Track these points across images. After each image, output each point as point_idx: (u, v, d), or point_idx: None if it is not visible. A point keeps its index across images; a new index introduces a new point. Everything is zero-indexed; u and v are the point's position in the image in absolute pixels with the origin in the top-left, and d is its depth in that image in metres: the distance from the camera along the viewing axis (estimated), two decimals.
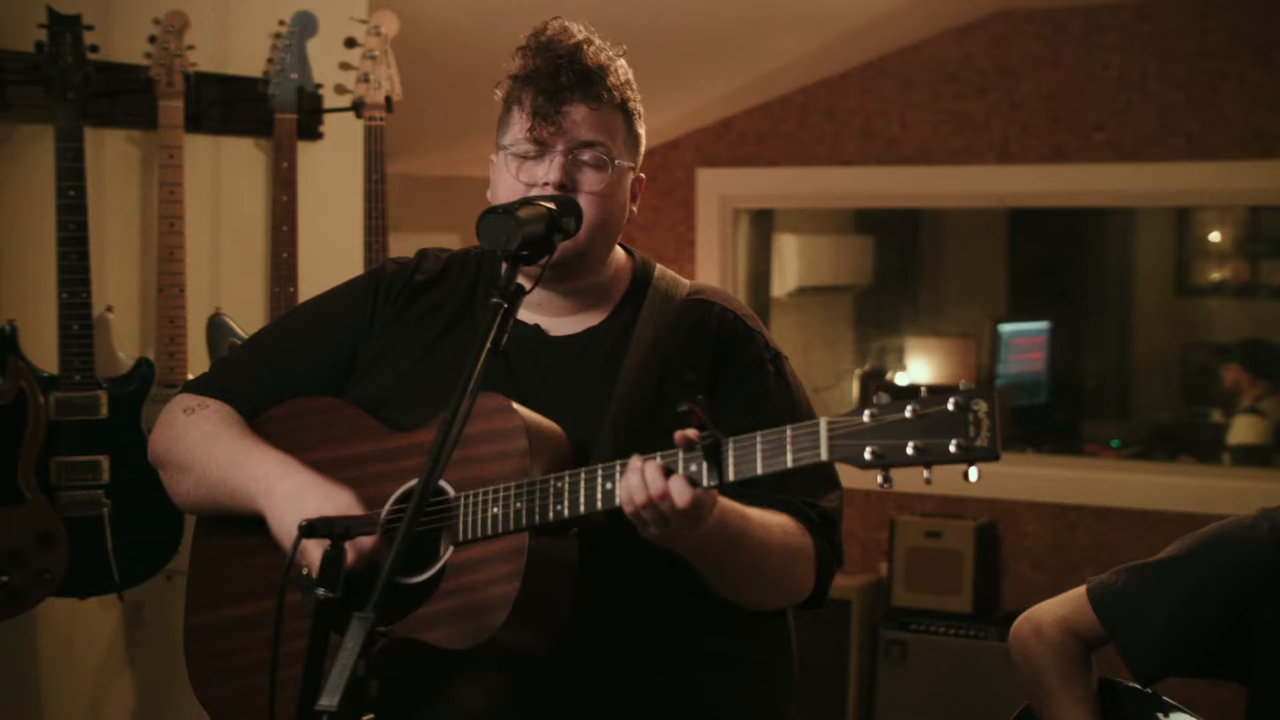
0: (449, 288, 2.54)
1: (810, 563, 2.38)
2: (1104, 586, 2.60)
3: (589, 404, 2.37)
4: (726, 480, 2.05)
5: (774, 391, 2.44)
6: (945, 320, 8.53)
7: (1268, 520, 2.51)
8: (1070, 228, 8.58)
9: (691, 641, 2.38)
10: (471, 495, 2.25)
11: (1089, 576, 6.46)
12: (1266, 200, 6.99)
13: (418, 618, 2.25)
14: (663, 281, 2.51)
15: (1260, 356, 7.95)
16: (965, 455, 1.87)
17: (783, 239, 7.86)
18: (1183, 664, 2.53)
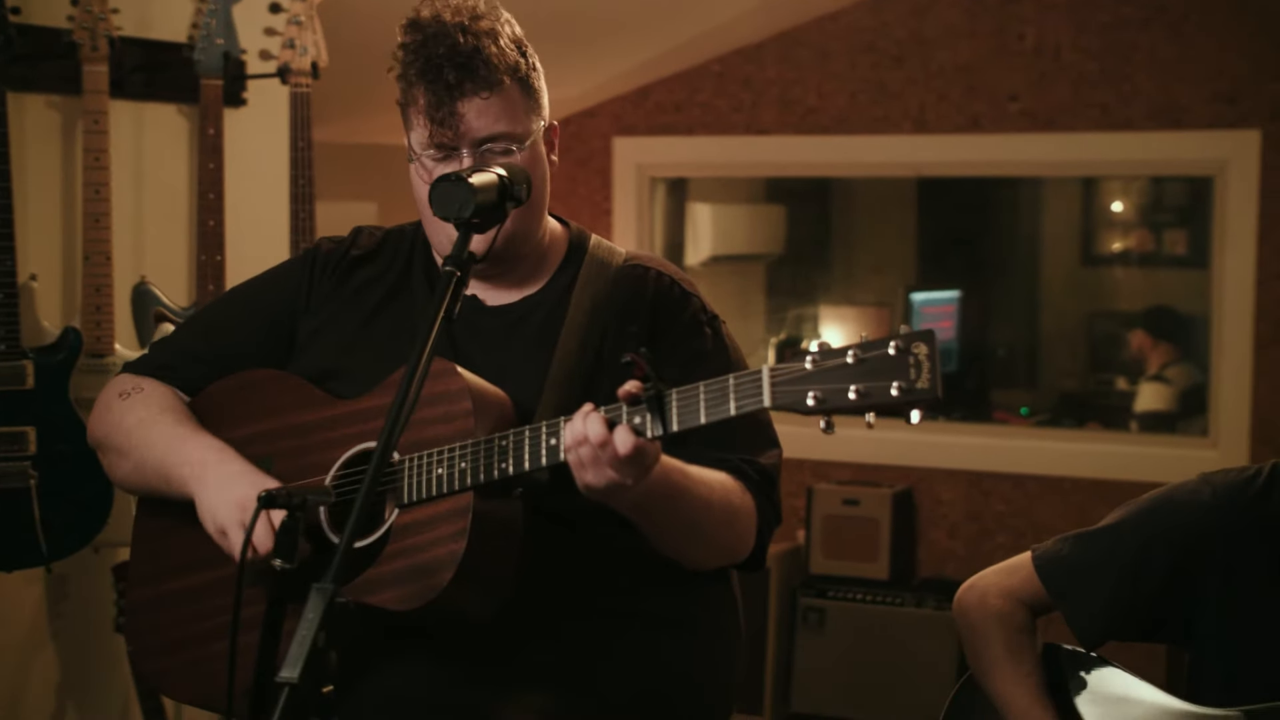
0: (385, 262, 2.56)
1: (751, 520, 2.40)
2: (1049, 554, 2.63)
3: (529, 370, 2.39)
4: (670, 430, 2.07)
5: (711, 353, 2.47)
6: (858, 289, 8.58)
7: (1208, 486, 2.54)
8: (979, 197, 8.65)
9: (636, 603, 2.40)
10: (416, 457, 2.27)
11: (1004, 543, 6.53)
12: (1177, 171, 7.09)
13: (364, 581, 2.25)
14: (598, 250, 2.52)
15: (1165, 324, 8.07)
16: (906, 397, 1.89)
17: (696, 208, 7.86)
18: (1127, 629, 2.56)
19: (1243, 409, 6.13)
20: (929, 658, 6.18)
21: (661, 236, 7.32)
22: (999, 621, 2.61)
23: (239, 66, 4.17)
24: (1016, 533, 6.44)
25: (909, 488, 6.54)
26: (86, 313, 3.78)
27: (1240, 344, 6.14)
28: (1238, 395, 6.15)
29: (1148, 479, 6.19)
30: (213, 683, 2.38)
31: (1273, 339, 6.09)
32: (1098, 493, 6.32)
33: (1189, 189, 8.58)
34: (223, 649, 2.32)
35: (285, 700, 1.89)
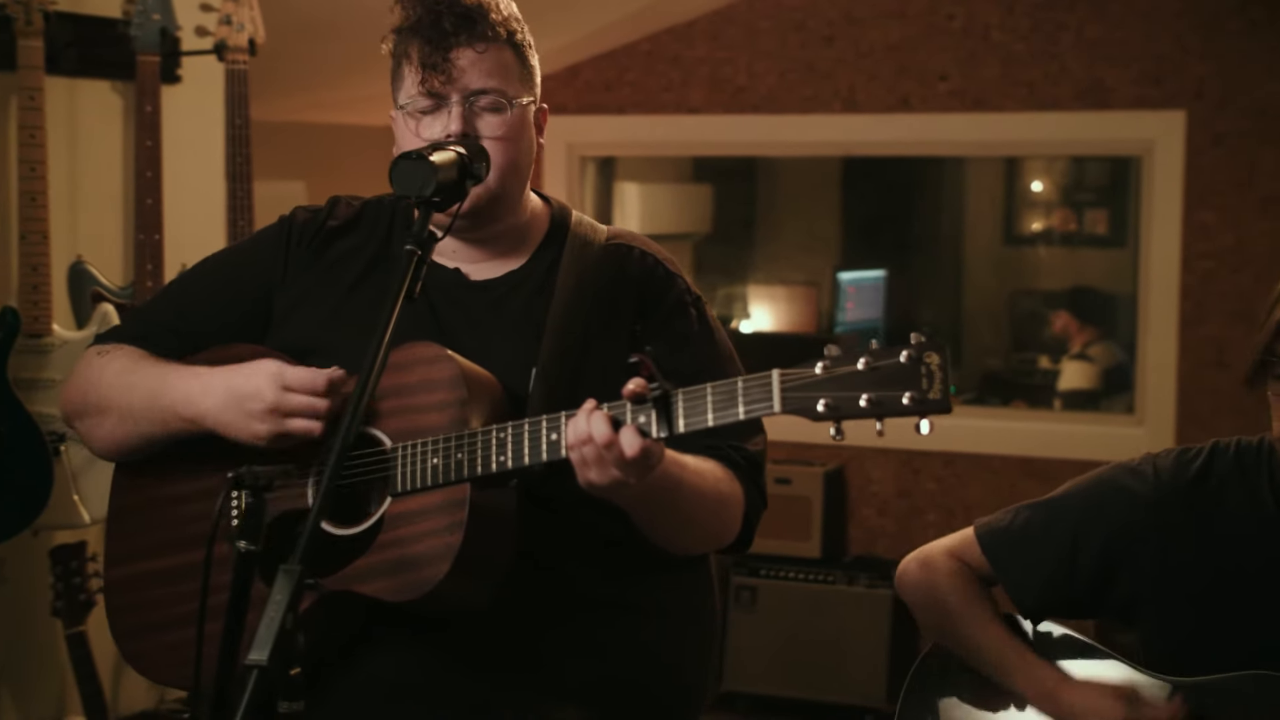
0: (364, 234, 2.51)
1: (739, 507, 2.39)
2: (991, 526, 2.65)
3: (517, 350, 2.36)
4: (676, 432, 2.05)
5: (696, 334, 2.45)
6: (784, 268, 8.61)
7: (1151, 465, 2.57)
8: (904, 177, 8.71)
9: (616, 588, 2.39)
10: (410, 446, 2.23)
11: (934, 520, 6.57)
12: (1103, 151, 7.15)
13: (356, 570, 2.22)
14: (581, 226, 2.50)
15: (1089, 304, 8.16)
16: (918, 407, 1.89)
17: (624, 187, 7.86)
18: (1066, 603, 2.58)
19: (1168, 386, 6.20)
20: (861, 635, 6.21)
21: (590, 216, 7.29)
22: (949, 579, 2.63)
23: (174, 43, 4.12)
24: (946, 510, 6.49)
25: (840, 466, 6.57)
26: (24, 292, 3.73)
27: (1166, 322, 6.20)
28: (1163, 373, 6.22)
29: (1075, 456, 6.30)
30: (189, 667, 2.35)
31: (1197, 318, 6.16)
32: (1026, 470, 6.38)
33: (1110, 169, 8.68)
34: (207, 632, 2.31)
35: (254, 683, 1.88)
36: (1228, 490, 2.48)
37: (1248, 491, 2.47)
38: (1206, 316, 6.15)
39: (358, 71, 5.37)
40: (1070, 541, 2.55)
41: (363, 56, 4.68)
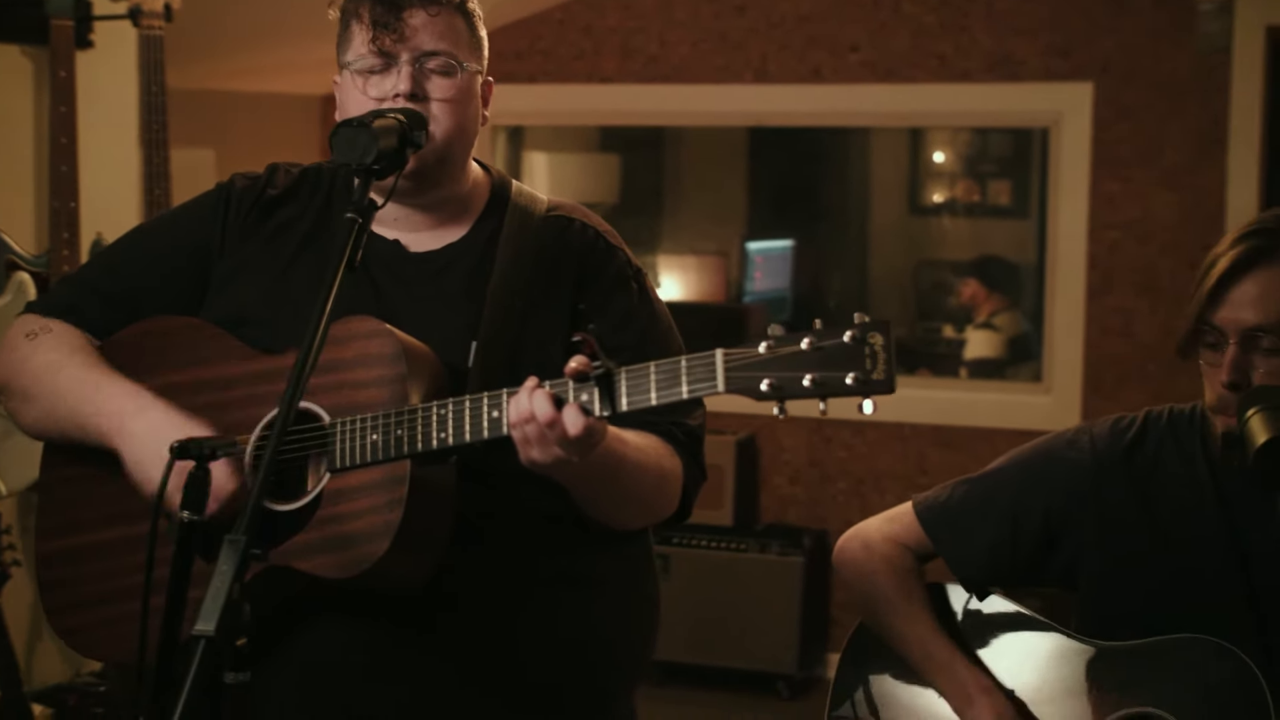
0: (303, 203, 2.48)
1: (679, 482, 2.39)
2: (929, 501, 2.67)
3: (457, 322, 2.34)
4: (619, 410, 2.04)
5: (637, 308, 2.44)
6: (692, 238, 8.62)
7: (1087, 435, 2.60)
8: (810, 147, 8.74)
9: (557, 562, 2.38)
10: (349, 422, 2.21)
11: (844, 488, 6.63)
12: (1013, 122, 7.22)
13: (294, 546, 2.20)
14: (521, 197, 2.48)
15: (995, 273, 8.24)
16: (861, 388, 1.90)
17: (533, 157, 7.84)
18: (1008, 574, 2.61)
19: (1075, 355, 6.28)
20: (772, 602, 6.27)
21: None
22: (886, 564, 2.64)
23: (87, 8, 4.05)
24: (857, 478, 6.55)
25: (752, 435, 6.61)
26: None
27: (1073, 292, 6.29)
28: (1070, 342, 6.30)
29: (983, 424, 6.38)
30: (127, 641, 2.31)
31: (1103, 288, 6.25)
32: (936, 438, 6.45)
33: (1012, 140, 8.75)
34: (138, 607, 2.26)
35: (201, 653, 1.86)
36: (1163, 457, 2.52)
37: (1182, 458, 2.51)
38: (1112, 287, 6.23)
39: (269, 35, 5.33)
40: (1010, 514, 2.58)
41: (275, 21, 4.63)
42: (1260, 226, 2.40)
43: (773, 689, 6.33)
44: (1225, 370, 2.36)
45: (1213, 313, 2.38)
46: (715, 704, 6.25)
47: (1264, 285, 2.36)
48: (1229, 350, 2.36)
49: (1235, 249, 2.38)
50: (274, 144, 6.37)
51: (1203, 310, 2.39)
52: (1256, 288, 2.36)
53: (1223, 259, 2.38)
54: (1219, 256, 2.39)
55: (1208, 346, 2.41)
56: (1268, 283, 2.36)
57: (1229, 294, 2.37)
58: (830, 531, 6.54)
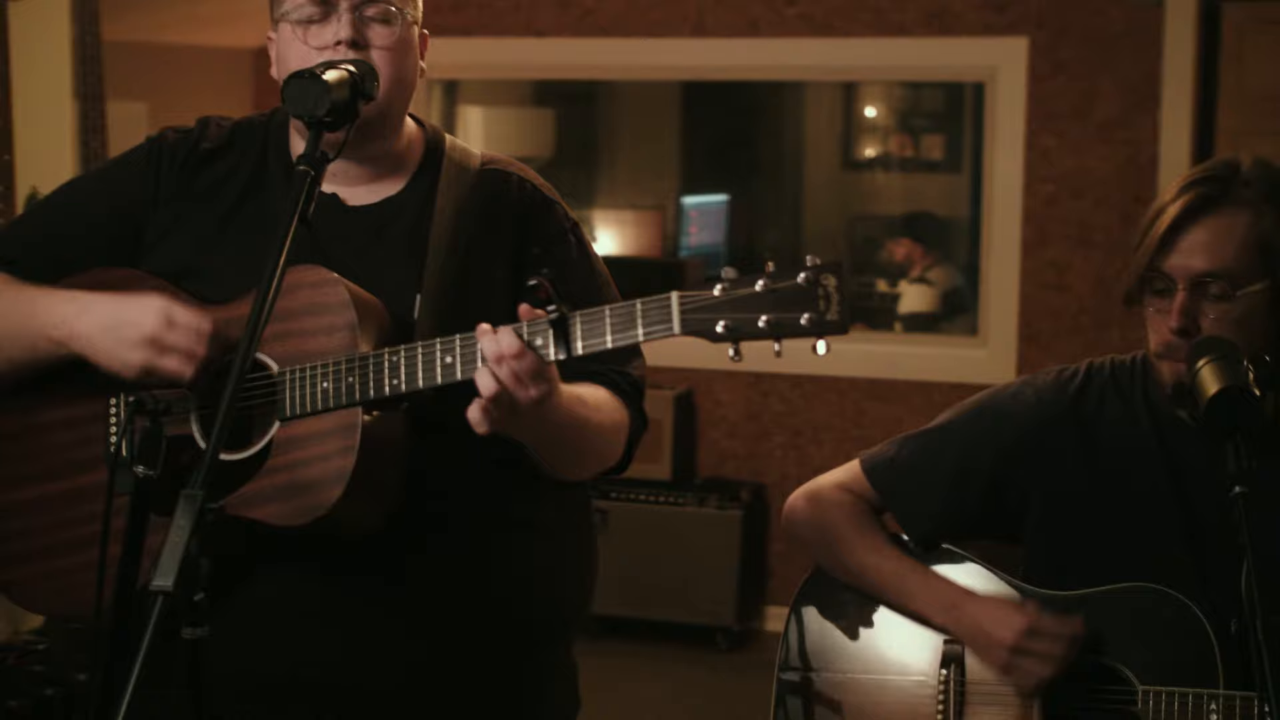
0: (238, 156, 2.46)
1: (624, 432, 2.41)
2: (876, 457, 2.68)
3: (400, 276, 2.34)
4: (575, 353, 2.05)
5: (576, 261, 2.45)
6: (627, 192, 8.62)
7: (1031, 387, 2.62)
8: (744, 101, 8.75)
9: (502, 507, 2.39)
10: (298, 370, 2.21)
11: (781, 442, 6.66)
12: (948, 77, 7.23)
13: (244, 495, 2.20)
14: (455, 151, 2.48)
15: (928, 228, 8.29)
16: (816, 329, 1.92)
17: (467, 111, 7.80)
18: (957, 527, 2.63)
19: (1010, 309, 6.33)
20: (710, 556, 6.30)
21: None
22: (839, 508, 2.65)
23: None
24: (794, 431, 6.58)
25: (689, 389, 6.63)
26: None
27: (1008, 246, 6.32)
28: (1005, 295, 6.34)
29: (919, 378, 6.43)
30: (71, 595, 2.31)
31: (1038, 241, 6.29)
32: (872, 391, 6.49)
33: (945, 95, 8.80)
34: (84, 560, 2.27)
35: (159, 609, 1.85)
36: (1106, 407, 2.55)
37: (1124, 407, 2.53)
38: (1047, 240, 6.28)
39: None
40: (957, 467, 2.59)
41: None
42: (1208, 174, 2.43)
43: (711, 641, 6.37)
44: (1174, 316, 2.38)
45: (1162, 260, 2.40)
46: (654, 657, 6.28)
47: (1213, 232, 2.38)
48: (1178, 296, 2.38)
49: (1184, 196, 2.40)
50: (207, 97, 6.31)
51: (1152, 257, 2.41)
52: (1206, 234, 2.38)
53: (1172, 206, 2.40)
54: (1168, 204, 2.41)
55: (1156, 293, 2.43)
56: (1217, 230, 2.38)
57: (1179, 241, 2.39)
58: (768, 485, 6.58)
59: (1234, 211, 2.39)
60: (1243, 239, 2.38)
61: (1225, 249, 2.37)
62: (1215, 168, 2.44)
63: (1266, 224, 2.38)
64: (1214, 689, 2.37)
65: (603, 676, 2.61)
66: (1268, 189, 2.41)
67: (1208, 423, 2.17)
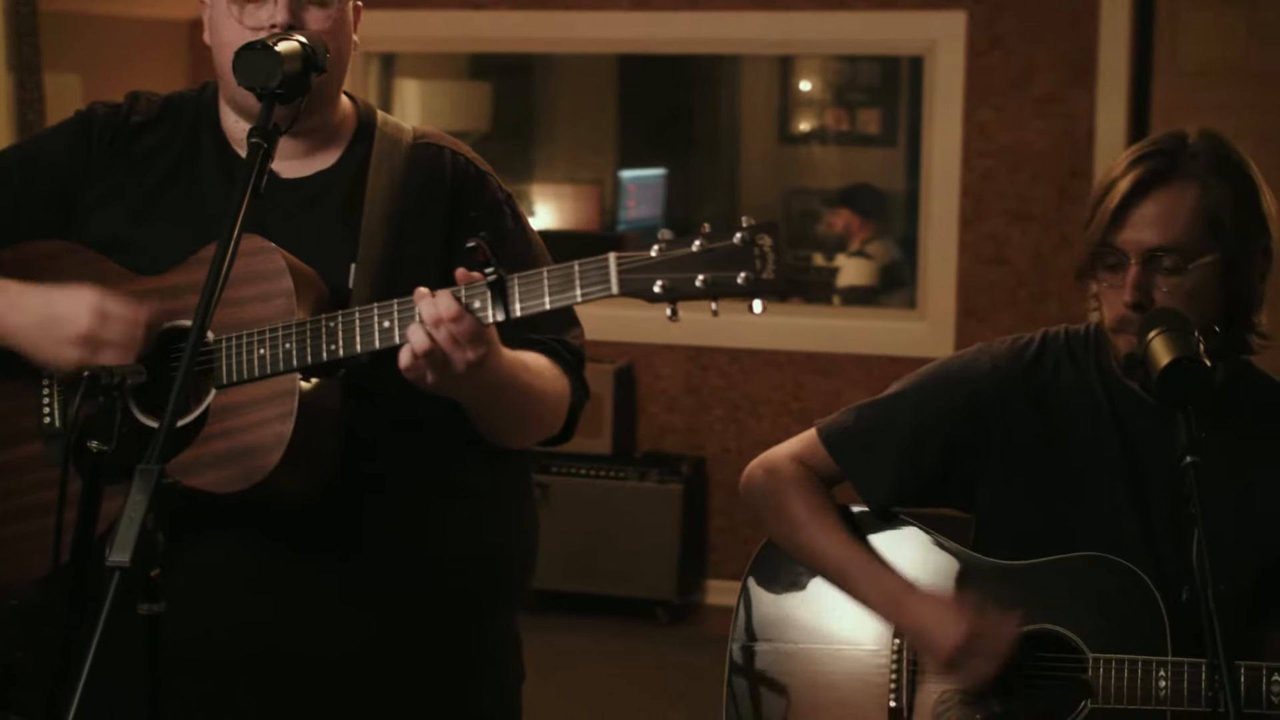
0: (169, 130, 2.47)
1: (566, 400, 2.43)
2: (833, 425, 2.69)
3: (334, 247, 2.36)
4: (513, 315, 2.07)
5: (512, 232, 2.47)
6: (565, 166, 8.60)
7: (986, 355, 2.64)
8: (681, 74, 8.74)
9: (443, 474, 2.41)
10: (235, 337, 2.22)
11: (721, 415, 6.67)
12: (887, 50, 7.25)
13: (181, 463, 2.19)
14: (387, 125, 2.50)
15: (867, 201, 8.32)
16: (752, 287, 1.95)
17: (404, 84, 7.76)
18: (913, 495, 2.65)
19: (948, 282, 6.36)
20: (651, 530, 6.32)
21: None
22: (794, 484, 2.66)
23: None
24: (733, 405, 6.59)
25: (629, 364, 6.63)
26: None
27: (946, 220, 6.35)
28: (943, 269, 6.37)
29: (858, 350, 6.45)
30: (7, 567, 2.31)
31: (976, 215, 6.32)
32: (812, 365, 6.51)
33: (881, 69, 8.82)
34: (20, 531, 2.30)
35: (116, 585, 1.84)
36: (1060, 375, 2.57)
37: (1078, 377, 2.56)
38: (986, 214, 6.31)
39: None
40: (913, 434, 2.61)
41: None
42: (1158, 148, 2.44)
43: (652, 615, 6.39)
44: (1128, 291, 2.40)
45: (1114, 234, 2.42)
46: (595, 631, 6.29)
47: (1164, 206, 2.40)
48: (1131, 271, 2.40)
49: (1134, 171, 2.42)
50: (141, 70, 6.25)
51: (1104, 233, 2.42)
52: (1157, 208, 2.40)
53: (1122, 181, 2.42)
54: (1117, 179, 2.43)
55: (1108, 268, 2.44)
56: (1168, 204, 2.40)
57: (1130, 215, 2.40)
58: (708, 459, 6.59)
59: (1183, 185, 2.41)
60: (1192, 212, 2.40)
61: (1175, 223, 2.39)
62: (1163, 141, 2.46)
63: (1214, 197, 2.41)
64: (1163, 656, 2.40)
65: (544, 651, 2.63)
66: (1215, 161, 2.43)
67: (1159, 394, 2.19)
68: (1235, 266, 2.42)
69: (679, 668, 5.95)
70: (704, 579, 6.62)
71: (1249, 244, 2.43)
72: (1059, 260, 6.18)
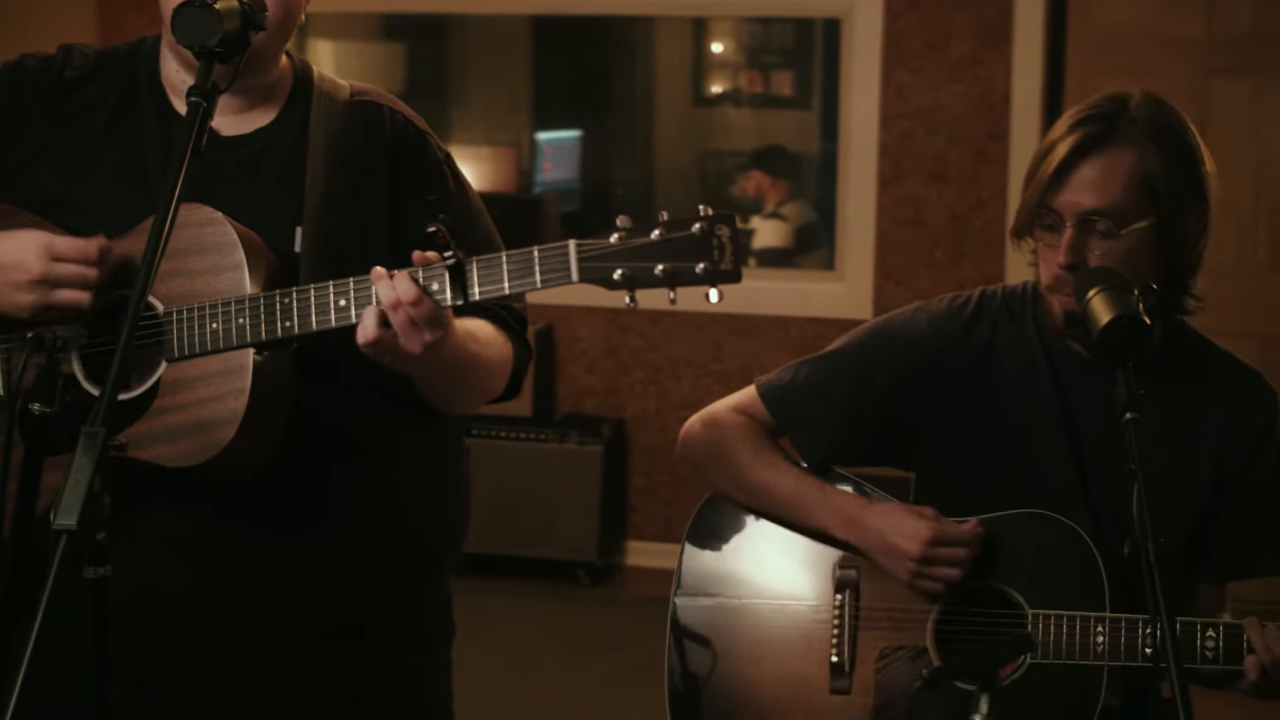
0: (104, 85, 2.44)
1: (510, 365, 2.45)
2: (773, 382, 2.71)
3: (275, 207, 2.34)
4: (471, 299, 2.07)
5: (454, 193, 2.48)
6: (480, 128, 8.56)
7: (924, 314, 2.66)
8: (595, 36, 8.72)
9: (382, 443, 2.41)
10: (186, 310, 2.20)
11: (641, 377, 6.68)
12: (806, 12, 7.24)
13: (131, 435, 2.19)
14: (324, 83, 2.49)
15: (780, 163, 8.33)
16: (710, 277, 2.00)
17: (317, 45, 7.70)
18: (852, 452, 2.67)
19: (866, 244, 6.40)
20: (572, 491, 6.33)
21: None
22: (737, 431, 2.68)
23: None
24: (653, 367, 6.61)
25: (549, 325, 6.63)
26: None
27: (865, 181, 6.39)
28: (862, 231, 6.41)
29: (776, 312, 6.49)
30: None
31: (894, 176, 6.37)
32: (730, 326, 6.54)
33: (795, 31, 8.83)
34: None
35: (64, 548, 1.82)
36: (998, 334, 2.59)
37: (1015, 334, 2.59)
38: (903, 175, 6.36)
39: None
40: (852, 391, 2.63)
41: None
42: (1096, 112, 2.47)
43: (573, 576, 6.41)
44: (1062, 252, 2.42)
45: (1051, 197, 2.44)
46: (517, 593, 6.30)
47: (1101, 170, 2.43)
48: (1066, 233, 2.43)
49: (1073, 135, 2.44)
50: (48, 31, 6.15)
51: (1042, 194, 2.45)
52: (1094, 172, 2.43)
53: (1061, 144, 2.44)
54: (1058, 141, 2.45)
55: (1045, 229, 2.47)
56: (1104, 168, 2.43)
57: (1068, 178, 2.43)
58: (627, 420, 6.61)
59: (1121, 150, 2.44)
60: (1128, 177, 2.43)
61: (1112, 187, 2.42)
62: (1103, 104, 2.49)
63: (1151, 162, 2.43)
64: (1100, 612, 2.44)
65: (466, 614, 2.65)
66: (1154, 127, 2.46)
67: (1099, 351, 2.22)
68: (1170, 232, 2.45)
69: (600, 628, 5.98)
70: (624, 540, 6.65)
71: (1184, 210, 2.46)
72: (975, 221, 6.24)
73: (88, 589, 1.91)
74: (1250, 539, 2.57)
